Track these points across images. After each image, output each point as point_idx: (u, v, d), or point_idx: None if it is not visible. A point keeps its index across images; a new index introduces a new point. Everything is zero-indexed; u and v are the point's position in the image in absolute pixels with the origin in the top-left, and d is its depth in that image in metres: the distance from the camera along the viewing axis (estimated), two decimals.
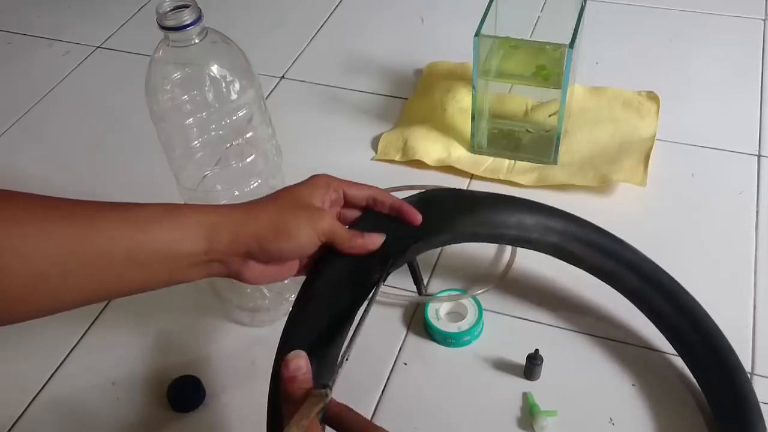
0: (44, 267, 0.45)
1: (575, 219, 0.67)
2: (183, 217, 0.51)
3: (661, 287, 0.66)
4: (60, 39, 1.15)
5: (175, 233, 0.50)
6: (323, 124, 0.96)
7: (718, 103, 0.94)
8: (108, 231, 0.48)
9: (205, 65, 0.59)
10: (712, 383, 0.63)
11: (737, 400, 0.61)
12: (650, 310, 0.67)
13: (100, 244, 0.48)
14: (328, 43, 1.10)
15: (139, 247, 0.49)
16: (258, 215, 0.53)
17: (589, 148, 0.88)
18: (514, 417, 0.65)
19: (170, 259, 0.50)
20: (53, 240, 0.46)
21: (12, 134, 0.99)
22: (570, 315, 0.72)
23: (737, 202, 0.81)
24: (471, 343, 0.70)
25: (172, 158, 0.64)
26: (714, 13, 1.08)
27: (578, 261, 0.67)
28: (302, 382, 0.47)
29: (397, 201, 0.59)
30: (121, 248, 0.48)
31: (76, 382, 0.70)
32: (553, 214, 0.66)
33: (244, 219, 0.53)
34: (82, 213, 0.48)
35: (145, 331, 0.73)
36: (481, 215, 0.63)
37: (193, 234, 0.51)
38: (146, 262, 0.49)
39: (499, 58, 0.83)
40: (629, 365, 0.68)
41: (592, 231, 0.67)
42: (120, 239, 0.48)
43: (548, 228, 0.65)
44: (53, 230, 0.46)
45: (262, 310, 0.73)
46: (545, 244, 0.65)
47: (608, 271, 0.67)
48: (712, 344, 0.64)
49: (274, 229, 0.53)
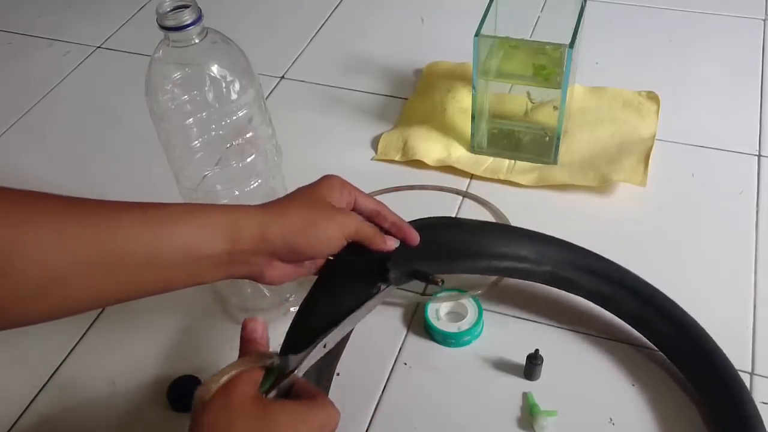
0: (61, 269, 0.45)
1: (564, 245, 0.67)
2: (204, 218, 0.50)
3: (660, 309, 0.66)
4: (60, 39, 1.15)
5: (196, 234, 0.49)
6: (323, 124, 0.96)
7: (718, 103, 0.94)
8: (127, 233, 0.47)
9: (205, 65, 0.59)
10: (715, 404, 0.63)
11: (739, 419, 0.61)
12: (650, 333, 0.68)
13: (119, 246, 0.47)
14: (328, 43, 1.10)
15: (159, 250, 0.48)
16: (287, 214, 0.53)
17: (589, 148, 0.88)
18: (514, 417, 0.65)
19: (191, 260, 0.49)
20: (69, 242, 0.45)
21: (12, 134, 0.99)
22: (570, 315, 0.72)
23: (737, 202, 0.81)
24: (471, 343, 0.70)
25: (172, 158, 0.64)
26: (714, 13, 1.08)
27: (575, 288, 0.68)
28: (257, 345, 0.49)
29: (398, 219, 0.59)
30: (141, 251, 0.47)
31: (76, 382, 0.70)
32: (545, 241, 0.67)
33: (271, 219, 0.52)
34: (99, 213, 0.47)
35: (145, 331, 0.73)
36: (477, 259, 0.64)
37: (215, 235, 0.50)
38: (166, 264, 0.48)
39: (499, 58, 0.83)
40: (629, 365, 0.68)
41: (584, 256, 0.67)
42: (139, 241, 0.47)
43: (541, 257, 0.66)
44: (71, 232, 0.45)
45: (262, 310, 0.73)
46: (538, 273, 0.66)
47: (606, 296, 0.68)
48: (710, 361, 0.64)
49: (304, 229, 0.53)
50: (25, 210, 0.45)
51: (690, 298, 0.68)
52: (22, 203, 0.45)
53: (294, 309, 0.73)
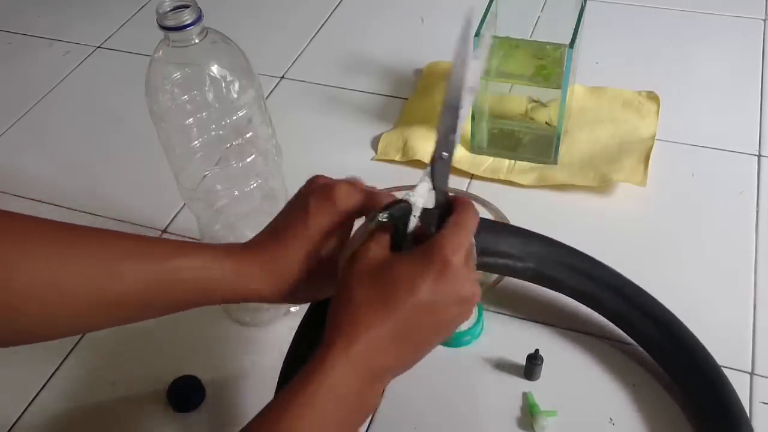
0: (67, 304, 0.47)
1: (550, 241, 0.67)
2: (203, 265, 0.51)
3: (642, 309, 0.66)
4: (60, 39, 1.15)
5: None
6: (323, 124, 0.96)
7: (718, 103, 0.94)
8: (129, 274, 0.48)
9: (205, 65, 0.59)
10: (699, 402, 0.63)
11: (723, 414, 0.61)
12: (632, 331, 0.68)
13: (121, 291, 0.48)
14: (328, 43, 1.10)
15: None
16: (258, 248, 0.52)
17: (589, 148, 0.88)
18: (514, 417, 0.65)
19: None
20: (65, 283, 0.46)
21: (12, 134, 0.99)
22: (570, 315, 0.72)
23: (737, 202, 0.81)
24: (471, 343, 0.70)
25: (172, 158, 0.64)
26: (714, 13, 1.08)
27: (559, 286, 0.68)
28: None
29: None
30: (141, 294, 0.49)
31: (76, 383, 0.70)
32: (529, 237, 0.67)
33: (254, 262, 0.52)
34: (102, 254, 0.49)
35: (145, 331, 0.73)
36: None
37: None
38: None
39: (499, 58, 0.83)
40: (629, 365, 0.68)
41: (568, 253, 0.67)
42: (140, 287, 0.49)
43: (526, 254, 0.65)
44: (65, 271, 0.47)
45: (262, 310, 0.73)
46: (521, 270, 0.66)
47: (588, 294, 0.68)
48: (693, 357, 0.64)
49: (273, 236, 0.52)
50: (28, 244, 0.46)
51: (690, 299, 0.68)
52: (19, 224, 0.47)
53: (294, 309, 0.73)
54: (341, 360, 0.43)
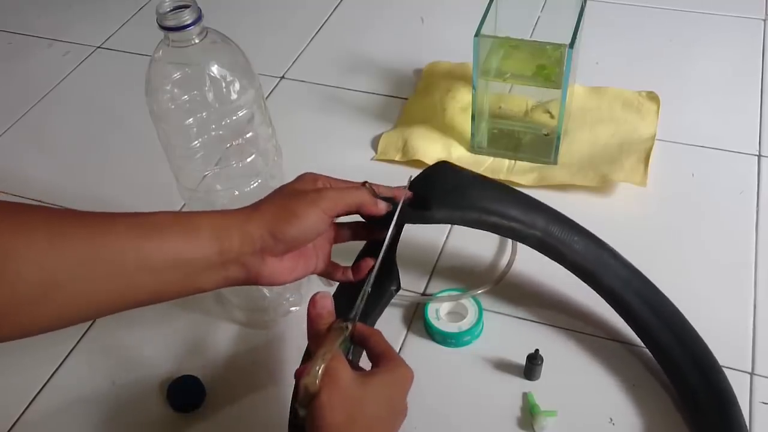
0: (54, 272, 0.46)
1: (560, 215, 0.67)
2: (190, 223, 0.52)
3: (641, 296, 0.66)
4: (60, 39, 1.15)
5: (185, 237, 0.51)
6: (323, 124, 0.96)
7: (718, 103, 0.94)
8: (117, 237, 0.48)
9: (205, 65, 0.59)
10: (687, 382, 0.64)
11: (715, 398, 0.61)
12: (627, 314, 0.68)
13: (111, 249, 0.48)
14: (328, 43, 1.10)
15: (150, 253, 0.49)
16: (263, 209, 0.54)
17: (589, 148, 0.88)
18: (514, 417, 0.65)
19: (182, 263, 0.50)
20: (63, 247, 0.46)
21: (12, 134, 0.99)
22: (570, 315, 0.72)
23: (737, 202, 0.81)
24: (471, 343, 0.70)
25: (172, 158, 0.64)
26: (714, 13, 1.08)
27: (560, 257, 0.67)
28: (326, 319, 0.52)
29: (384, 187, 0.62)
30: (132, 254, 0.48)
31: (77, 382, 0.70)
32: (539, 208, 0.66)
33: (248, 215, 0.53)
34: (92, 222, 0.49)
35: (145, 331, 0.73)
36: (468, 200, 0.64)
37: (203, 236, 0.51)
38: (158, 267, 0.49)
39: (499, 58, 0.83)
40: (629, 365, 0.68)
41: (574, 229, 0.67)
42: (130, 245, 0.49)
43: (533, 221, 0.65)
44: (63, 237, 0.46)
45: (262, 310, 0.73)
46: (527, 235, 0.66)
47: (588, 270, 0.67)
48: (684, 341, 0.65)
49: (281, 215, 0.53)
50: (17, 219, 0.46)
51: (690, 298, 0.68)
52: (14, 212, 0.47)
53: (294, 309, 0.73)
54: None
